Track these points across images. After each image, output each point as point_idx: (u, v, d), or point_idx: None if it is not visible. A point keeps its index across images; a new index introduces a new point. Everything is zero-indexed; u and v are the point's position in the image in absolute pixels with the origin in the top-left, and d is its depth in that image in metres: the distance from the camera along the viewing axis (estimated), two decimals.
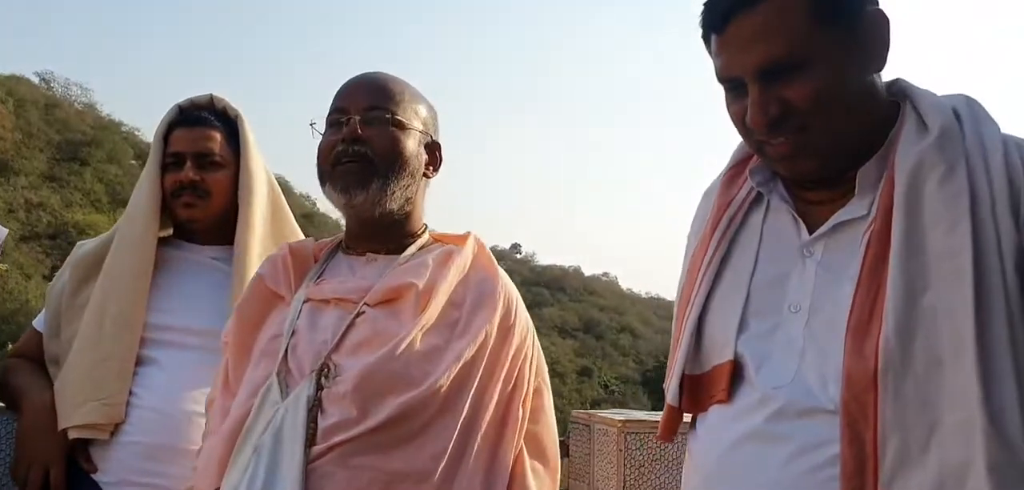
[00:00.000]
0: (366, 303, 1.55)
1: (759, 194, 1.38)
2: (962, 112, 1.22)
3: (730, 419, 1.28)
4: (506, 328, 1.57)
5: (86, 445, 1.97)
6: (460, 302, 1.55)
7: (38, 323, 2.19)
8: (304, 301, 1.59)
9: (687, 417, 1.41)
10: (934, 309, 1.12)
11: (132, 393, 1.98)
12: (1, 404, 2.15)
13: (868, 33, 1.23)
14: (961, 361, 1.09)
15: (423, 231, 1.69)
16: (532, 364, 1.60)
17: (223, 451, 1.48)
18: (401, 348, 1.47)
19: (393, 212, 1.62)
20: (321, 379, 1.47)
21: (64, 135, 46.51)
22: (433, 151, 1.69)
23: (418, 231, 1.68)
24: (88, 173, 44.19)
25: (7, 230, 2.18)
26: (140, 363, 2.01)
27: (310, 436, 1.42)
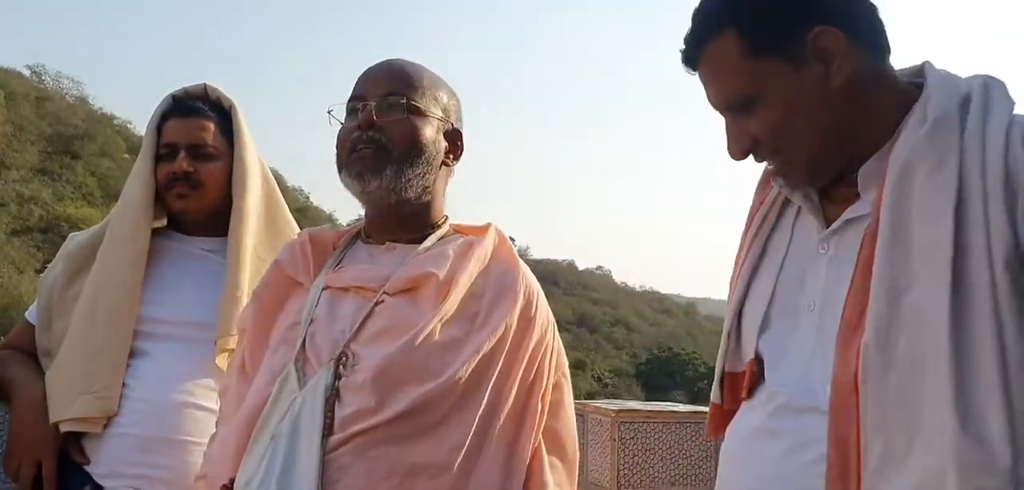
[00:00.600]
0: (385, 292, 1.53)
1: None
2: (974, 97, 1.18)
3: (745, 414, 1.34)
4: (527, 321, 1.56)
5: (79, 437, 1.96)
6: (480, 294, 1.54)
7: (30, 315, 2.18)
8: (323, 288, 1.58)
9: None
10: (917, 308, 1.11)
11: (125, 385, 1.96)
12: None
13: (814, 53, 1.24)
14: (937, 365, 1.08)
15: (443, 221, 1.68)
16: (552, 358, 1.59)
17: (239, 439, 1.47)
18: (421, 338, 1.45)
19: (411, 200, 1.60)
20: (339, 368, 1.45)
21: (56, 128, 46.33)
22: (454, 139, 1.67)
23: (438, 221, 1.67)
24: (80, 166, 44.04)
25: None
26: (133, 355, 2.00)
27: (328, 425, 1.40)
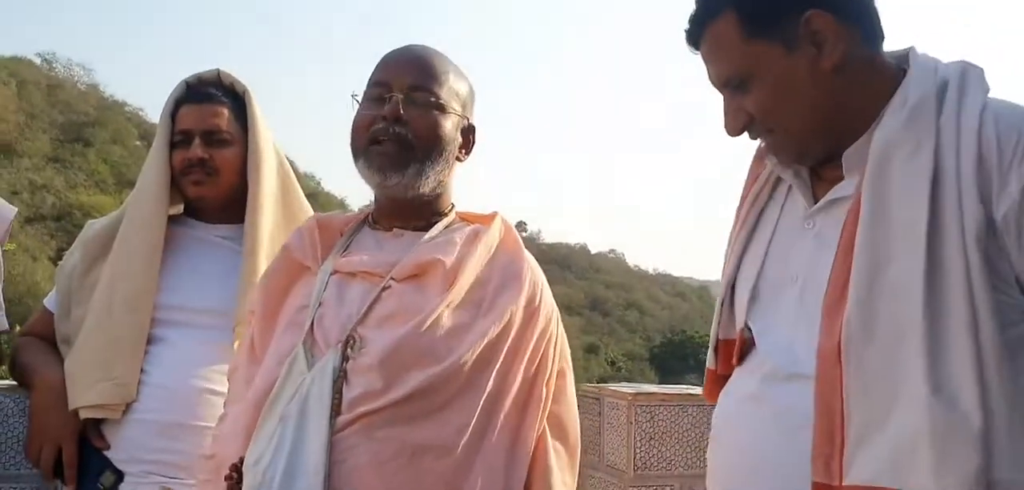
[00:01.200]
0: (392, 278, 1.55)
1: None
2: (951, 83, 1.25)
3: (737, 380, 1.42)
4: (532, 310, 1.57)
5: (98, 423, 1.98)
6: (486, 281, 1.56)
7: (49, 302, 2.19)
8: (331, 273, 1.60)
9: None
10: (895, 286, 1.18)
11: (143, 371, 1.98)
12: (14, 382, 2.16)
13: (806, 36, 1.31)
14: (912, 338, 1.15)
15: (450, 210, 1.69)
16: (556, 346, 1.61)
17: (249, 419, 1.50)
18: (427, 323, 1.48)
19: (425, 195, 1.61)
20: (347, 350, 1.48)
21: (67, 116, 46.49)
22: (467, 135, 1.67)
23: (445, 210, 1.68)
24: (92, 154, 44.20)
25: (16, 209, 2.18)
26: (151, 342, 2.01)
27: (335, 406, 1.43)
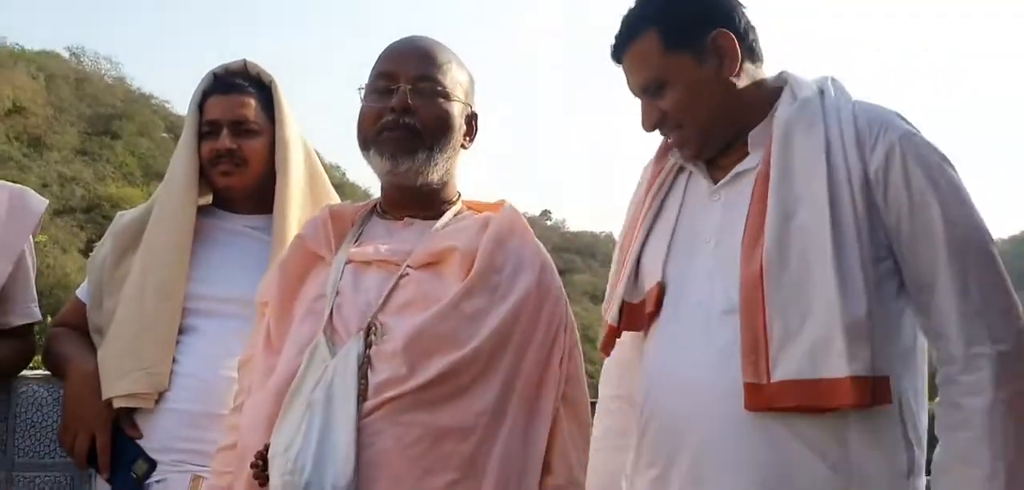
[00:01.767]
0: (409, 265, 1.58)
1: (682, 165, 1.79)
2: (827, 86, 1.67)
3: (663, 326, 1.69)
4: (544, 292, 1.61)
5: (131, 412, 2.00)
6: (500, 267, 1.59)
7: (81, 292, 2.22)
8: (346, 262, 1.62)
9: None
10: (803, 226, 1.53)
11: (175, 361, 2.00)
12: (48, 372, 2.19)
13: (716, 51, 1.65)
14: (824, 264, 1.50)
15: (457, 198, 1.73)
16: (566, 326, 1.64)
17: (271, 408, 1.51)
18: (448, 310, 1.51)
19: (433, 182, 1.65)
20: (370, 337, 1.51)
21: (95, 109, 46.90)
22: (470, 122, 1.72)
23: (453, 198, 1.72)
24: (120, 146, 44.56)
25: (46, 202, 2.21)
26: (182, 332, 2.04)
27: (361, 392, 1.46)
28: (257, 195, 2.14)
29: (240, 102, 2.12)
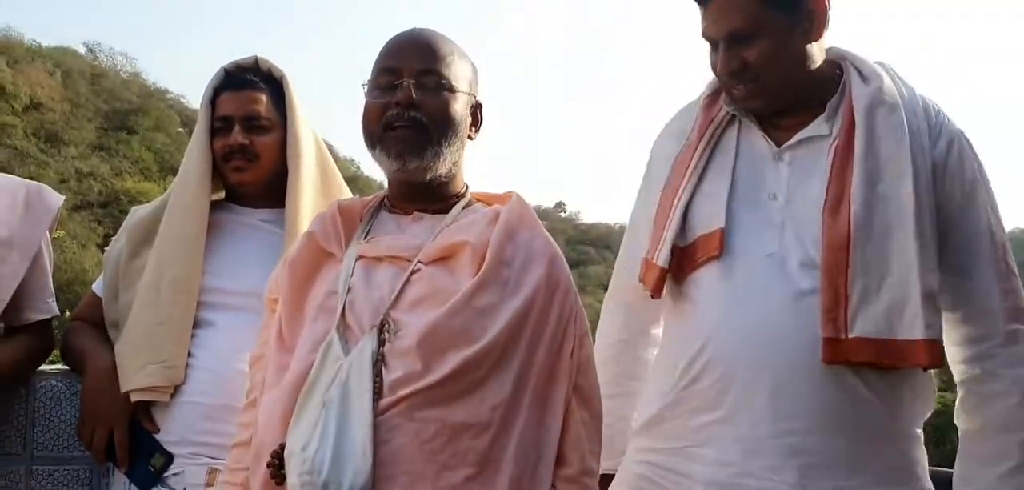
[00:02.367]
0: (420, 261, 1.57)
1: (733, 116, 1.85)
2: (893, 74, 1.77)
3: (727, 272, 1.74)
4: (554, 283, 1.60)
5: (148, 406, 2.02)
6: (511, 260, 1.58)
7: (97, 287, 2.24)
8: (356, 258, 1.62)
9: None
10: (886, 195, 1.66)
11: (190, 354, 2.02)
12: (66, 367, 2.22)
13: (806, 14, 1.72)
14: (905, 229, 1.63)
15: (465, 191, 1.72)
16: (576, 317, 1.64)
17: (285, 406, 1.51)
18: (461, 305, 1.50)
19: (441, 176, 1.64)
20: (383, 334, 1.50)
21: (111, 104, 47.17)
22: (475, 112, 1.71)
23: (461, 191, 1.71)
24: (136, 141, 44.81)
25: (63, 198, 2.23)
26: (197, 325, 2.05)
27: (376, 389, 1.46)
28: (269, 189, 2.15)
29: (251, 97, 2.13)
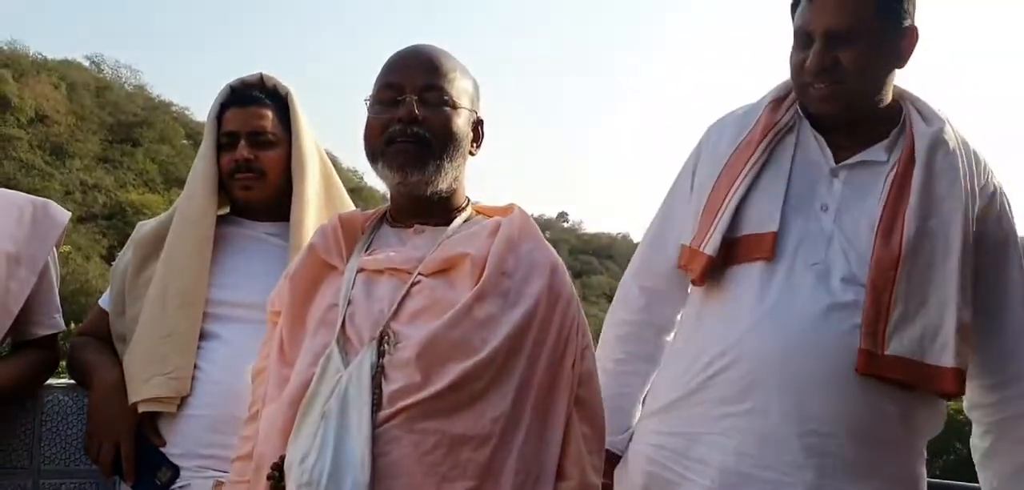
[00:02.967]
0: (421, 273, 1.58)
1: (792, 125, 1.91)
2: (948, 118, 1.87)
3: (773, 274, 1.82)
4: (555, 294, 1.60)
5: (154, 419, 2.03)
6: (512, 272, 1.58)
7: (104, 302, 2.25)
8: (358, 271, 1.62)
9: None
10: (935, 231, 1.75)
11: (197, 367, 2.03)
12: (73, 381, 2.23)
13: (903, 38, 1.80)
14: (948, 264, 1.74)
15: (466, 204, 1.72)
16: (578, 329, 1.63)
17: (285, 418, 1.51)
18: (460, 317, 1.50)
19: (442, 190, 1.64)
20: (382, 346, 1.50)
21: (116, 117, 47.28)
22: (477, 128, 1.71)
23: (462, 204, 1.71)
24: (140, 154, 44.91)
25: (69, 214, 2.24)
26: (203, 338, 2.06)
27: (376, 401, 1.46)
28: (275, 203, 2.17)
29: (257, 113, 2.15)
